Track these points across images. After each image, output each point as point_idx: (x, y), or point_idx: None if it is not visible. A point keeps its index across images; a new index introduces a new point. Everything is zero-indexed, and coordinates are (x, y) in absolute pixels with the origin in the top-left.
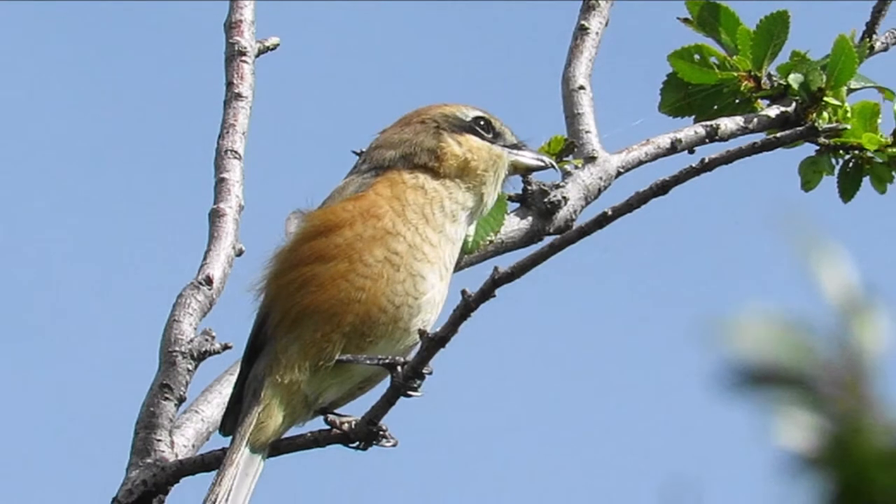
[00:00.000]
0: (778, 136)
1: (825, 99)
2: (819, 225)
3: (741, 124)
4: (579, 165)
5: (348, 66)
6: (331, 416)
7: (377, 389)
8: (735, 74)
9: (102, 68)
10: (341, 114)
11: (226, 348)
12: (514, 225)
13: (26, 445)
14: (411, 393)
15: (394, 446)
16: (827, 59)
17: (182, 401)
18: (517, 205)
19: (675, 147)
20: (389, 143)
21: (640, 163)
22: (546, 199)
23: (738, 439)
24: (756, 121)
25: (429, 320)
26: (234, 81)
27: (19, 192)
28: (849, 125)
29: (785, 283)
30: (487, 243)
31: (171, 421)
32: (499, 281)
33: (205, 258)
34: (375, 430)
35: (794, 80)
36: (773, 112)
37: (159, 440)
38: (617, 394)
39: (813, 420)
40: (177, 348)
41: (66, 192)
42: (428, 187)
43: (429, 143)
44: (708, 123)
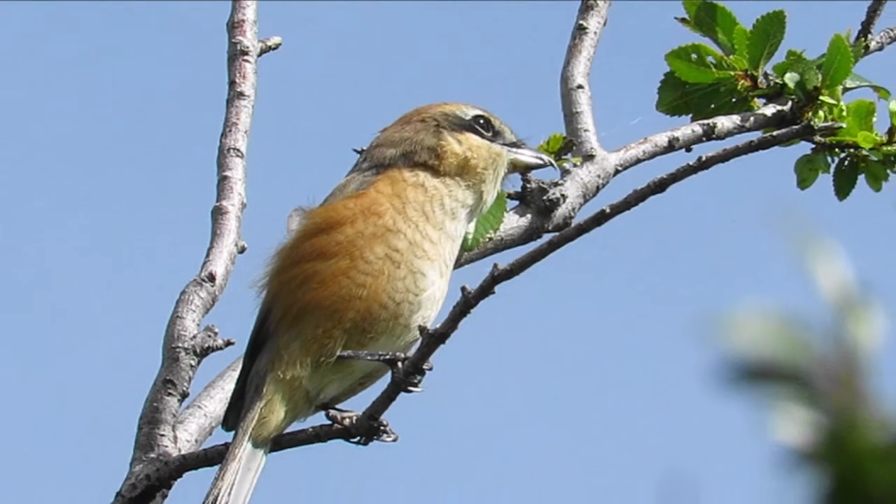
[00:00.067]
0: (774, 134)
1: (821, 98)
2: (815, 222)
3: (738, 123)
4: (578, 164)
5: (349, 66)
6: (332, 412)
7: (378, 385)
8: (732, 73)
9: (106, 68)
10: (342, 112)
11: (228, 344)
12: (514, 222)
13: (31, 441)
14: (412, 388)
15: (394, 441)
16: (823, 58)
17: (185, 396)
18: (516, 202)
19: (672, 145)
20: (390, 141)
21: (638, 161)
22: (545, 197)
23: (734, 434)
24: (752, 119)
25: (429, 317)
26: (237, 80)
27: (24, 190)
28: (844, 124)
29: (781, 280)
30: (487, 240)
31: (175, 416)
32: (498, 278)
33: (207, 255)
34: (376, 426)
35: (791, 79)
36: (770, 111)
37: (162, 435)
38: (615, 390)
39: (809, 415)
40: (180, 344)
41: (71, 189)
42: (428, 185)
43: (429, 141)
44: (705, 122)
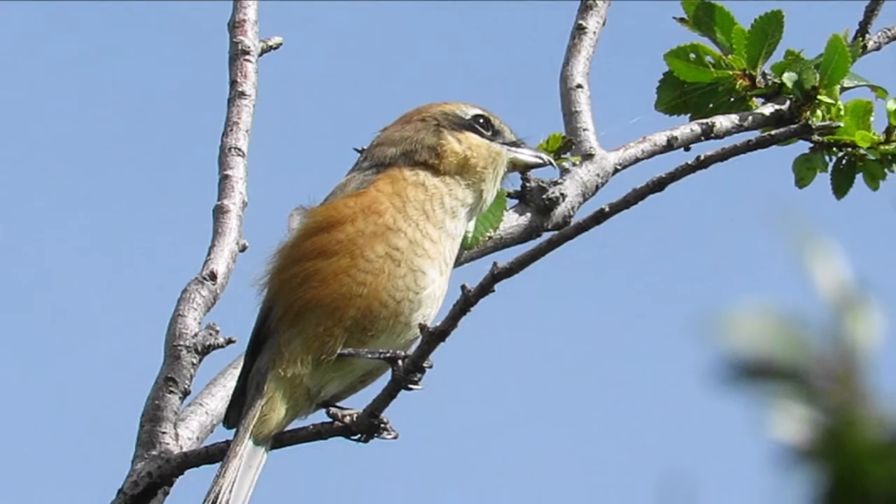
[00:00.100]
0: (772, 133)
1: (819, 97)
2: (813, 221)
3: (736, 122)
4: (577, 163)
5: (350, 66)
6: (333, 409)
7: (378, 383)
8: (730, 73)
9: (106, 68)
10: (343, 112)
11: (229, 342)
12: (513, 221)
13: (33, 439)
14: (412, 386)
15: (395, 439)
16: (820, 58)
17: (186, 394)
18: (516, 201)
19: (671, 144)
20: (390, 140)
21: (637, 160)
22: (544, 196)
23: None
24: (751, 119)
25: (429, 315)
26: (238, 80)
27: (25, 189)
28: (842, 123)
29: (779, 279)
30: (486, 239)
31: (176, 414)
32: (498, 276)
33: (209, 254)
34: (377, 423)
35: (789, 78)
36: (768, 110)
37: (164, 433)
38: (614, 388)
39: (807, 413)
40: (181, 342)
41: (73, 188)
42: (428, 184)
43: (429, 140)
44: (703, 121)
